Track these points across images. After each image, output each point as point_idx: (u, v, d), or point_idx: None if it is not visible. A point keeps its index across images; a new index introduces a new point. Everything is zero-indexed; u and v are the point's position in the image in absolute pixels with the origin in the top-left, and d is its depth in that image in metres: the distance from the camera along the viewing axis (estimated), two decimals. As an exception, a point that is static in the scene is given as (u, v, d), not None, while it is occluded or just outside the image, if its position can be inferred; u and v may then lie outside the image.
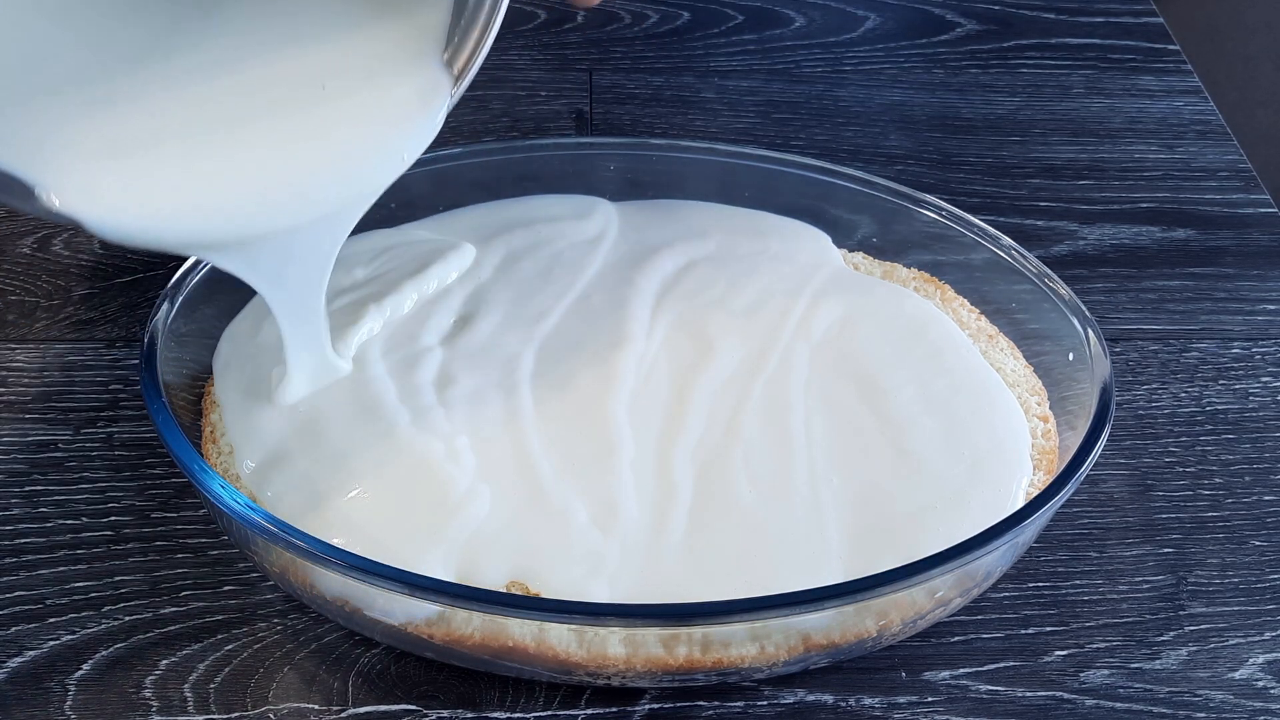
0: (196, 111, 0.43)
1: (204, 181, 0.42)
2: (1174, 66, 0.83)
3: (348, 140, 0.45)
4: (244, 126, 0.44)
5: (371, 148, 0.45)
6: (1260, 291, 0.66)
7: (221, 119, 0.43)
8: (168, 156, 0.42)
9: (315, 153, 0.44)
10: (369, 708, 0.48)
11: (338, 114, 0.45)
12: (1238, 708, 0.49)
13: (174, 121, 0.43)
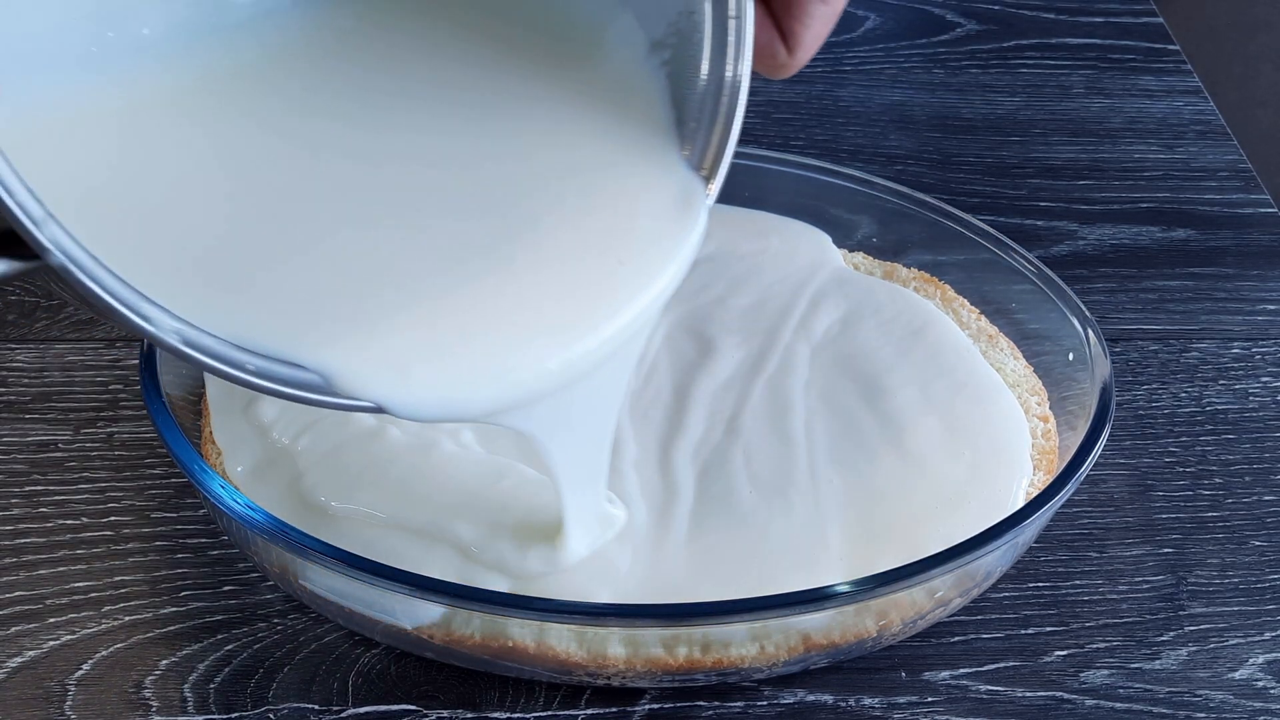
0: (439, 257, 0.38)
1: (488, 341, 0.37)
2: (1174, 66, 0.83)
3: (617, 264, 0.40)
4: (499, 270, 0.38)
5: (644, 270, 0.40)
6: (1260, 291, 0.66)
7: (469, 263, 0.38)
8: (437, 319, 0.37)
9: (591, 285, 0.39)
10: (369, 708, 0.48)
11: (591, 235, 0.40)
12: (1238, 708, 0.49)
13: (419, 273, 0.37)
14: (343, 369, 0.35)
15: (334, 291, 0.36)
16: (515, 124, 0.41)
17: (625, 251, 0.40)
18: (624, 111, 0.42)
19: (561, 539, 0.46)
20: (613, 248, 0.39)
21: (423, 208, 0.38)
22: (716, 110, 0.41)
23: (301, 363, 0.35)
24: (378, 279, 0.37)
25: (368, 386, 0.36)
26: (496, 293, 0.38)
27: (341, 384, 0.35)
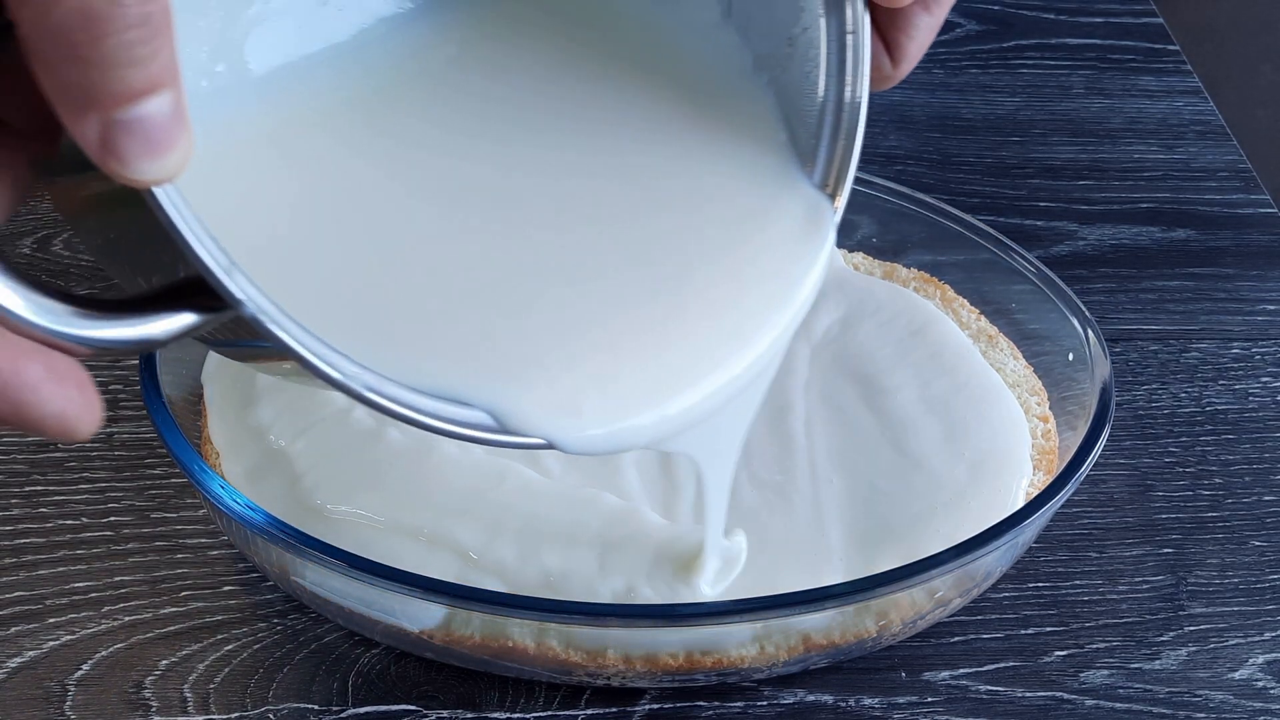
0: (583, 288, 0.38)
1: (646, 371, 0.37)
2: (1174, 67, 0.83)
3: (757, 285, 0.40)
4: (643, 298, 0.38)
5: (783, 289, 0.40)
6: (1260, 291, 0.66)
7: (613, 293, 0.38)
8: (593, 351, 0.37)
9: (734, 306, 0.39)
10: (369, 708, 0.48)
11: (728, 257, 0.40)
12: (1238, 708, 0.49)
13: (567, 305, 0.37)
14: (514, 409, 0.35)
15: (493, 327, 0.36)
16: (635, 147, 0.40)
17: (763, 271, 0.40)
18: (737, 130, 0.41)
19: (704, 561, 0.46)
20: (751, 268, 0.40)
21: (560, 239, 0.38)
22: (838, 126, 0.41)
23: (471, 402, 0.35)
24: (531, 313, 0.37)
25: (540, 425, 0.35)
26: (644, 321, 0.38)
27: (513, 423, 0.35)
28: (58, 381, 0.29)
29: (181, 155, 0.28)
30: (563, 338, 0.37)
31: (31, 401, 0.28)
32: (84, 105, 0.27)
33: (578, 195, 0.39)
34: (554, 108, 0.40)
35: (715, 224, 0.40)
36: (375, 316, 0.35)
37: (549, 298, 0.37)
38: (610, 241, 0.38)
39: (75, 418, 0.29)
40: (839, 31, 0.40)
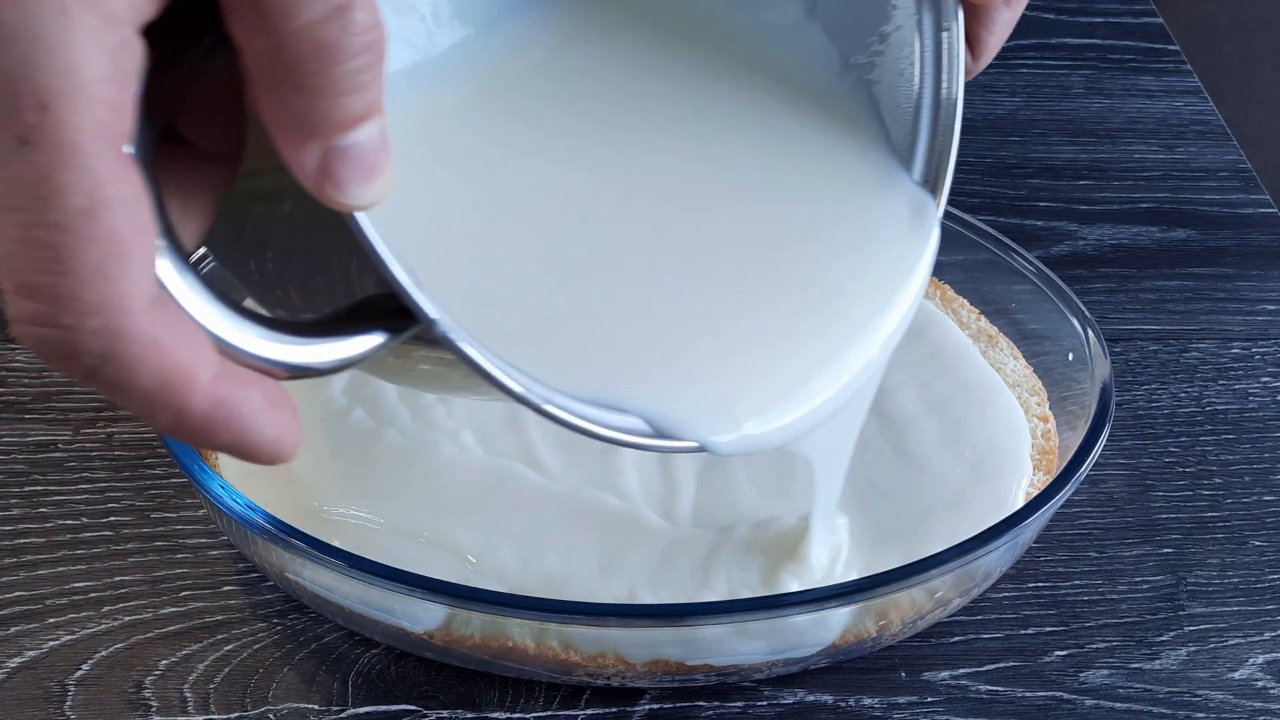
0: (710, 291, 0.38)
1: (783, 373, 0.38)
2: (1174, 66, 0.83)
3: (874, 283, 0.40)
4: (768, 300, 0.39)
5: (897, 285, 0.41)
6: (1260, 291, 0.66)
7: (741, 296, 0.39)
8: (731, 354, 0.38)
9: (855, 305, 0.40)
10: (369, 708, 0.48)
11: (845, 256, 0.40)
12: (1238, 708, 0.49)
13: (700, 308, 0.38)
14: (669, 415, 0.35)
15: (639, 332, 0.37)
16: (739, 151, 0.41)
17: (879, 269, 0.40)
18: (835, 129, 0.42)
19: (804, 552, 0.47)
20: (866, 267, 0.40)
21: (685, 242, 0.39)
22: (935, 122, 0.42)
23: (627, 409, 0.35)
24: (671, 317, 0.37)
25: (694, 430, 0.36)
26: (775, 323, 0.38)
27: (668, 429, 0.36)
28: (274, 408, 0.29)
29: (388, 179, 0.29)
30: (703, 342, 0.37)
31: (252, 429, 0.29)
32: (306, 132, 0.27)
33: (695, 199, 0.39)
34: (651, 113, 0.40)
35: (829, 224, 0.40)
36: (531, 324, 0.35)
37: (684, 301, 0.38)
38: (732, 244, 0.39)
39: (290, 443, 0.30)
40: (935, 28, 0.41)
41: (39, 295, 0.26)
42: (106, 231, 0.26)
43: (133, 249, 0.26)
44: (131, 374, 0.27)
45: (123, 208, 0.26)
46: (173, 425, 0.28)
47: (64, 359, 0.27)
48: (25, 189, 0.26)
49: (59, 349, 0.27)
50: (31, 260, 0.26)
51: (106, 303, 0.26)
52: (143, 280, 0.27)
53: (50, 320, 0.26)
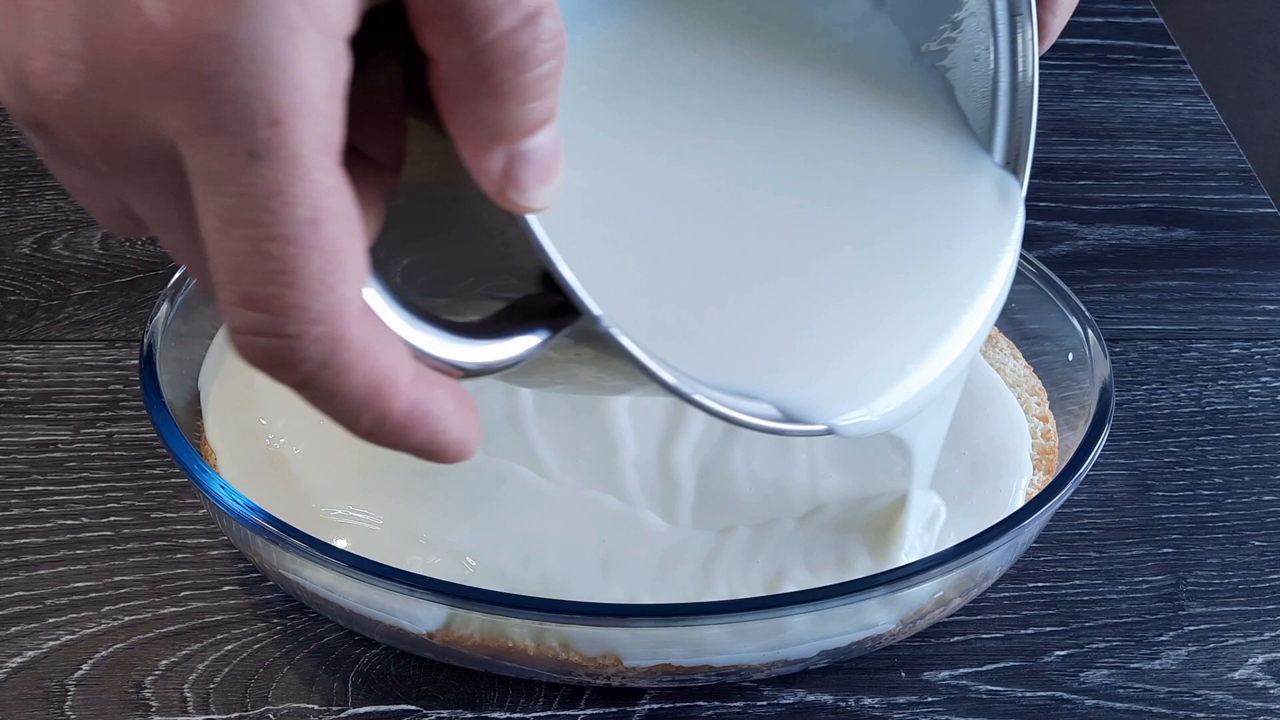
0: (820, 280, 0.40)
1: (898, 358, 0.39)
2: (1173, 66, 0.83)
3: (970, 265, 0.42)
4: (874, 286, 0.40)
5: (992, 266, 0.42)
6: (1260, 291, 0.66)
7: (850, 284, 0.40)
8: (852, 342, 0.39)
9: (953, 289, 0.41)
10: (369, 708, 0.48)
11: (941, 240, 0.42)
12: (1237, 708, 0.49)
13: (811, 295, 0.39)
14: (799, 402, 0.37)
15: (763, 321, 0.38)
16: (826, 141, 0.41)
17: (973, 252, 0.42)
18: (914, 116, 0.43)
19: (900, 528, 0.48)
20: (961, 250, 0.41)
21: (791, 232, 0.40)
22: (1014, 105, 0.43)
23: (759, 396, 0.36)
24: (790, 305, 0.38)
25: (822, 414, 0.37)
26: (883, 307, 0.40)
27: (798, 414, 0.37)
28: (461, 407, 0.30)
29: (561, 181, 0.30)
30: (822, 330, 0.38)
31: (444, 429, 0.30)
32: (493, 138, 0.29)
33: (796, 193, 0.40)
34: (737, 110, 0.41)
35: (924, 209, 0.42)
36: (670, 316, 0.36)
37: (800, 291, 0.39)
38: (837, 234, 0.40)
39: (474, 440, 0.31)
40: (1009, 13, 0.42)
41: (264, 306, 0.27)
42: (328, 241, 0.27)
43: (349, 258, 0.27)
44: (345, 379, 0.28)
45: (340, 218, 0.27)
46: (374, 429, 0.29)
47: (284, 367, 0.28)
48: (256, 202, 0.26)
49: (280, 358, 0.28)
50: (260, 272, 0.27)
51: (329, 310, 0.27)
52: (358, 288, 0.28)
53: (274, 330, 0.27)
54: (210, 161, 0.27)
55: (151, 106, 0.26)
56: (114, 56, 0.26)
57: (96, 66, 0.26)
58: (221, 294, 0.28)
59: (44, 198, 0.69)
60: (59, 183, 0.31)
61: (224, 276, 0.27)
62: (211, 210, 0.27)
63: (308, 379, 0.29)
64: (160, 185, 0.28)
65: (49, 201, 0.69)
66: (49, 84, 0.27)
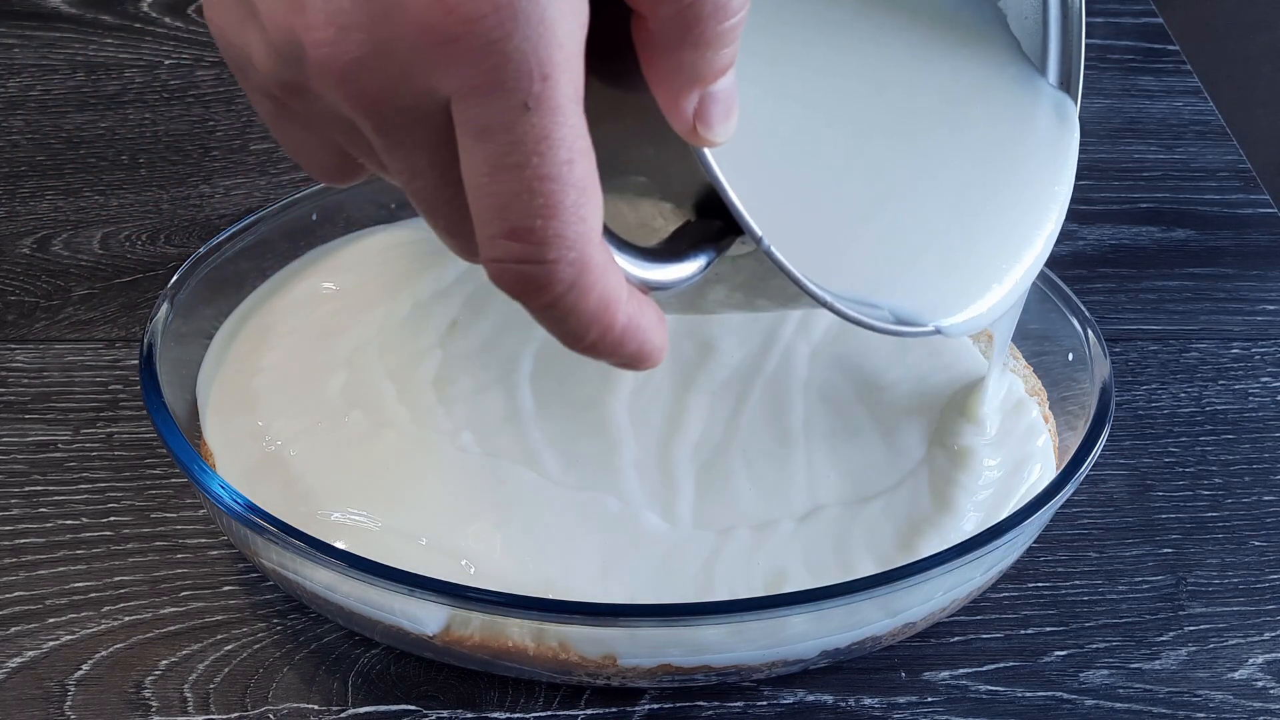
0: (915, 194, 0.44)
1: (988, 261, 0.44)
2: (1173, 67, 0.83)
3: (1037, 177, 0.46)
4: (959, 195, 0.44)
5: (1057, 176, 0.46)
6: (1260, 291, 0.66)
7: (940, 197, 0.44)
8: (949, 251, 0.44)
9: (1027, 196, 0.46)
10: (369, 708, 0.48)
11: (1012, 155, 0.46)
12: (1237, 708, 0.49)
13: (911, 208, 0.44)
14: (912, 306, 0.42)
15: (879, 236, 0.42)
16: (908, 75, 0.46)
17: (1039, 164, 0.46)
18: (975, 43, 0.47)
19: (980, 410, 0.52)
20: (1028, 163, 0.46)
21: (888, 155, 0.44)
22: (1065, 29, 0.47)
23: (878, 304, 0.41)
24: (896, 222, 0.43)
25: (933, 316, 0.42)
26: (971, 220, 0.44)
27: (911, 317, 0.41)
28: (660, 321, 0.35)
29: (736, 119, 0.34)
30: (924, 241, 0.43)
31: (649, 338, 0.35)
32: (690, 82, 0.33)
33: (890, 124, 0.44)
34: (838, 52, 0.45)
35: (996, 130, 0.46)
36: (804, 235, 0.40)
37: (903, 207, 0.43)
38: (926, 158, 0.45)
39: (666, 348, 0.35)
40: None
41: (528, 237, 0.31)
42: (580, 178, 0.31)
43: (594, 193, 0.32)
44: (585, 298, 0.33)
45: (588, 157, 0.32)
46: (597, 341, 0.34)
47: (539, 290, 0.32)
48: (527, 147, 0.31)
49: (538, 281, 0.32)
50: (527, 208, 0.31)
51: (580, 238, 0.32)
52: (598, 217, 0.32)
53: (535, 258, 0.32)
54: (486, 115, 0.31)
55: (429, 70, 0.30)
56: (398, 28, 0.30)
57: (380, 38, 0.30)
58: (486, 230, 0.32)
59: (44, 198, 0.69)
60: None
61: (490, 215, 0.31)
62: (481, 157, 0.31)
63: (556, 299, 0.32)
64: (418, 139, 0.32)
65: (49, 201, 0.69)
66: (328, 53, 0.31)
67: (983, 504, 0.50)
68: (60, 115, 0.75)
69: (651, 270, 0.35)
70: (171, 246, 0.66)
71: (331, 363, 0.54)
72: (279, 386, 0.53)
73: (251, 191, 0.70)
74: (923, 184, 0.44)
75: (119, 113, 0.75)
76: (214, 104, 0.76)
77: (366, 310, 0.56)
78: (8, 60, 0.78)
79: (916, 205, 0.43)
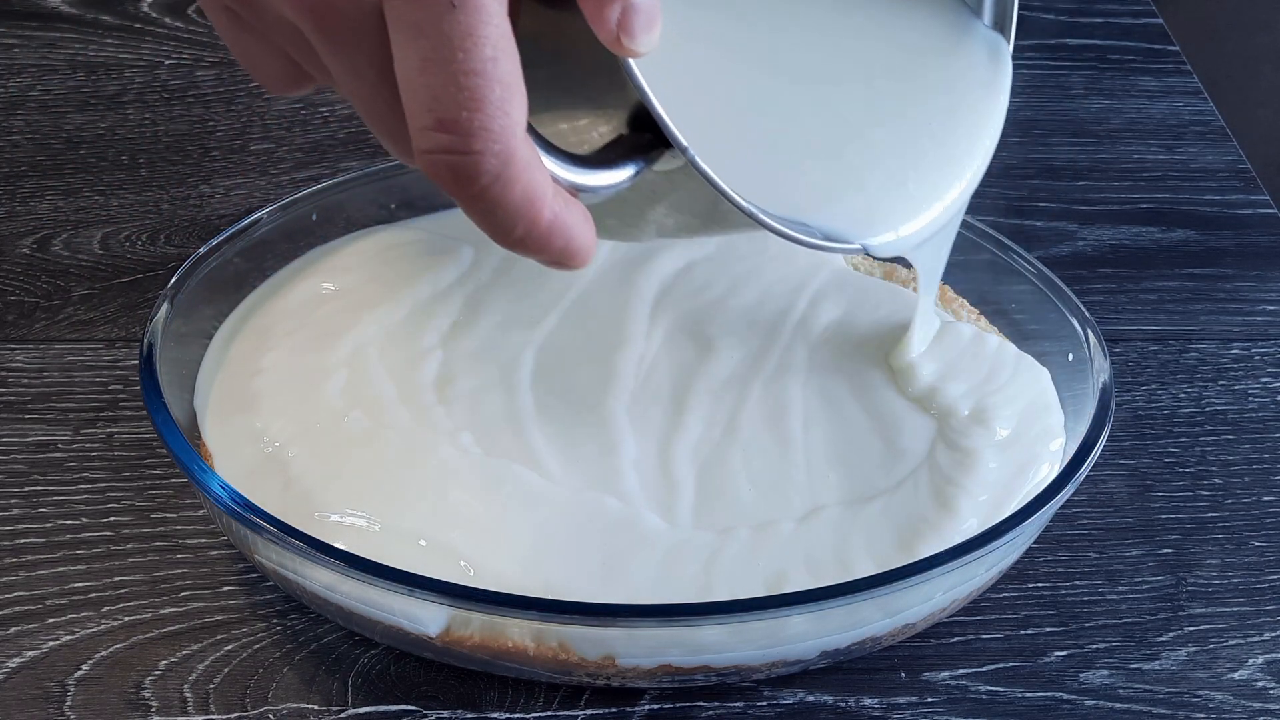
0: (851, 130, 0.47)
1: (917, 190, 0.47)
2: (1173, 67, 0.83)
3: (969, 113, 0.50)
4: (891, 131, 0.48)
5: (989, 111, 0.50)
6: (1260, 292, 0.66)
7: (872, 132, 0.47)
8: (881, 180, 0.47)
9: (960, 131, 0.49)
10: (369, 708, 0.48)
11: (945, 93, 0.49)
12: (1237, 708, 0.49)
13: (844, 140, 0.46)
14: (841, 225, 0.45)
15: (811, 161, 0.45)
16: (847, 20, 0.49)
17: (971, 101, 0.49)
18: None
19: (908, 337, 0.55)
20: (962, 100, 0.49)
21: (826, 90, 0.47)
22: None
23: (809, 223, 0.43)
24: (827, 150, 0.46)
25: (860, 235, 0.45)
26: (901, 151, 0.47)
27: (839, 235, 0.44)
28: (587, 220, 0.38)
29: (659, 30, 0.36)
30: (854, 168, 0.46)
31: (576, 235, 0.37)
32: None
33: (828, 61, 0.47)
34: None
35: (932, 70, 0.49)
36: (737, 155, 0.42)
37: (834, 135, 0.46)
38: (863, 94, 0.48)
39: (594, 249, 0.38)
40: None
41: (454, 128, 0.34)
42: (505, 75, 0.34)
43: (517, 90, 0.35)
44: (510, 190, 0.35)
45: (512, 56, 0.34)
46: (524, 235, 0.36)
47: (465, 180, 0.35)
48: (453, 43, 0.34)
49: (464, 171, 0.35)
50: (453, 101, 0.34)
51: (505, 131, 0.34)
52: (523, 114, 0.35)
53: (461, 148, 0.34)
54: (415, 13, 0.34)
55: None
56: None
57: None
58: (417, 122, 0.34)
59: (44, 198, 0.69)
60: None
61: (420, 107, 0.34)
62: (412, 54, 0.34)
63: (482, 190, 0.35)
64: (356, 41, 0.35)
65: (49, 201, 0.69)
66: None
67: (984, 505, 0.50)
68: (60, 115, 0.75)
69: (580, 174, 0.38)
70: (171, 246, 0.66)
71: (331, 363, 0.54)
72: (279, 387, 0.53)
73: (251, 191, 0.70)
74: (855, 113, 0.47)
75: (119, 113, 0.75)
76: (214, 104, 0.76)
77: (366, 310, 0.56)
78: (8, 60, 0.78)
79: (848, 133, 0.46)
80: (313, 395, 0.53)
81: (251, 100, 0.76)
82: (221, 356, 0.55)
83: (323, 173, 0.71)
